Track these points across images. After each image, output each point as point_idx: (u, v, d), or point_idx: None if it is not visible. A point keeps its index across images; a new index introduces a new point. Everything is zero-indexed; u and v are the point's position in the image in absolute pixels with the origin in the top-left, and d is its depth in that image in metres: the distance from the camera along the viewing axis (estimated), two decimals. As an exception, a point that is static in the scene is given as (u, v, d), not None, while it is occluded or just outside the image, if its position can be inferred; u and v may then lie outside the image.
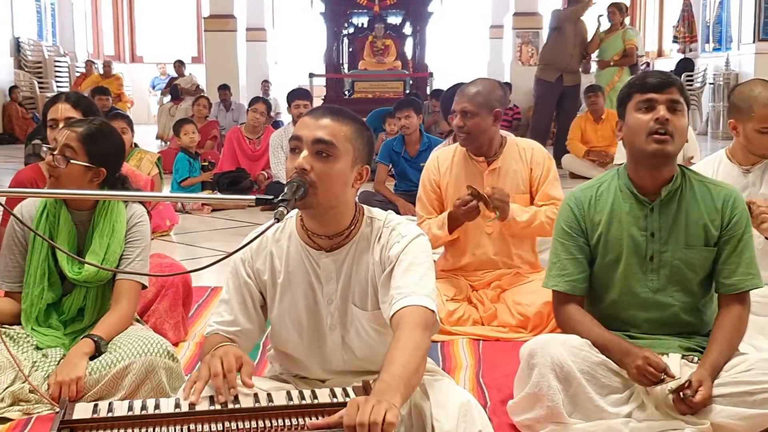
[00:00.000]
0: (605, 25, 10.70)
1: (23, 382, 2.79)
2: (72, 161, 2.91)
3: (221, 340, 2.26)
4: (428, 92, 12.94)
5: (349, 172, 2.15)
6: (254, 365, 2.11)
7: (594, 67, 11.06)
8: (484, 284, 3.86)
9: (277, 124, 10.85)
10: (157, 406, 1.93)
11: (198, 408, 1.94)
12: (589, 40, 10.41)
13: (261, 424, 1.88)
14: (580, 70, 10.41)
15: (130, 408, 1.92)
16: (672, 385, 2.42)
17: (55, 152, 2.92)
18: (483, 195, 3.58)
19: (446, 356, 3.45)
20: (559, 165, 9.98)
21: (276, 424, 1.88)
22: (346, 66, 15.23)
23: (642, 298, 2.64)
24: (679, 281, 2.62)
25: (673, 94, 2.54)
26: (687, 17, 15.91)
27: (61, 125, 3.31)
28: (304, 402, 1.96)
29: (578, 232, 2.69)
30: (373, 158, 2.21)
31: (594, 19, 10.61)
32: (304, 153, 2.09)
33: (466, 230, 3.81)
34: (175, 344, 3.41)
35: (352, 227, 2.21)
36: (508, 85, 14.20)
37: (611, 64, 10.54)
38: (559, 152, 10.11)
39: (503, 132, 4.02)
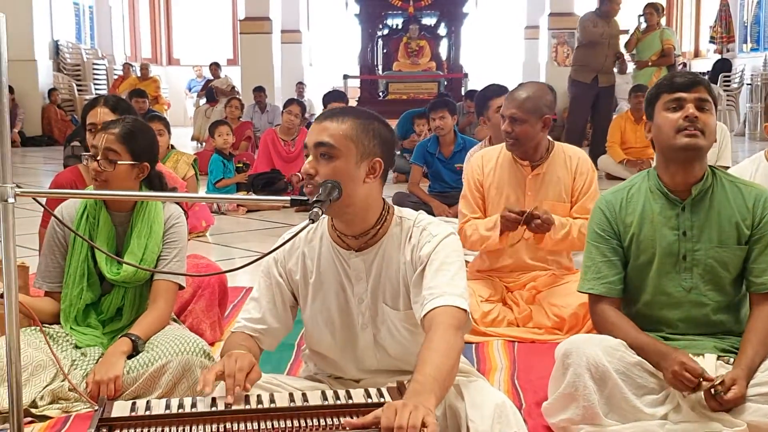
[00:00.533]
0: (642, 24, 10.61)
1: (63, 381, 2.83)
2: (118, 163, 2.96)
3: (243, 338, 2.28)
4: (463, 93, 12.91)
5: (355, 169, 2.13)
6: (261, 375, 2.13)
7: (631, 67, 10.97)
8: (520, 285, 3.85)
9: (311, 126, 10.88)
10: (193, 405, 1.95)
11: (234, 407, 1.96)
12: (622, 39, 10.33)
13: (296, 423, 1.89)
14: (616, 70, 10.32)
15: (167, 406, 1.94)
16: (706, 383, 2.40)
17: (98, 157, 2.96)
18: (530, 215, 3.56)
19: (481, 358, 3.44)
20: (595, 166, 9.94)
21: (310, 423, 1.89)
22: (380, 67, 15.26)
23: (676, 298, 2.62)
24: (712, 280, 2.61)
25: (701, 92, 2.55)
26: (724, 17, 15.74)
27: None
28: (338, 402, 1.97)
29: (611, 235, 2.68)
30: (396, 153, 2.21)
31: (625, 19, 10.52)
32: (309, 158, 2.13)
33: (508, 235, 3.77)
34: (212, 344, 3.44)
35: (379, 226, 2.21)
36: (546, 86, 14.11)
37: (649, 64, 10.46)
38: (595, 153, 10.05)
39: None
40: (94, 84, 16.48)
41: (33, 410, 2.75)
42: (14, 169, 1.74)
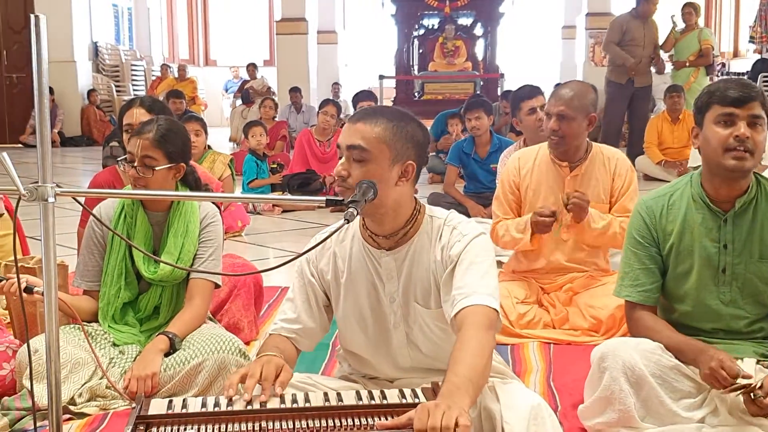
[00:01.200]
0: (680, 24, 10.50)
1: (101, 378, 2.87)
2: (156, 169, 2.98)
3: (279, 341, 2.29)
4: (499, 93, 12.86)
5: (387, 172, 2.13)
6: (292, 376, 2.14)
7: (669, 67, 10.86)
8: (556, 287, 3.82)
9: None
10: (229, 403, 1.97)
11: (269, 406, 1.97)
12: (659, 39, 10.22)
13: (330, 423, 1.90)
14: (653, 70, 10.23)
15: (204, 405, 1.96)
16: (742, 380, 2.36)
17: (136, 164, 2.99)
18: (560, 213, 3.54)
19: (517, 359, 3.43)
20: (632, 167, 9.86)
21: (345, 423, 1.89)
22: (416, 67, 15.24)
23: (713, 310, 2.58)
24: (751, 294, 2.57)
25: (754, 109, 2.45)
26: (764, 16, 15.49)
27: None
28: (373, 402, 1.97)
29: (650, 242, 2.65)
30: (429, 154, 2.21)
31: (661, 18, 10.41)
32: (342, 160, 2.14)
33: (541, 237, 3.75)
34: (247, 343, 3.46)
35: (410, 226, 2.21)
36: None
37: (687, 64, 10.35)
38: (633, 154, 9.96)
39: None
40: (133, 85, 16.65)
41: (72, 407, 2.79)
42: (54, 169, 1.76)
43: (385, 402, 1.97)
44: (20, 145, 13.91)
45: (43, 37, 1.68)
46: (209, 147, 6.12)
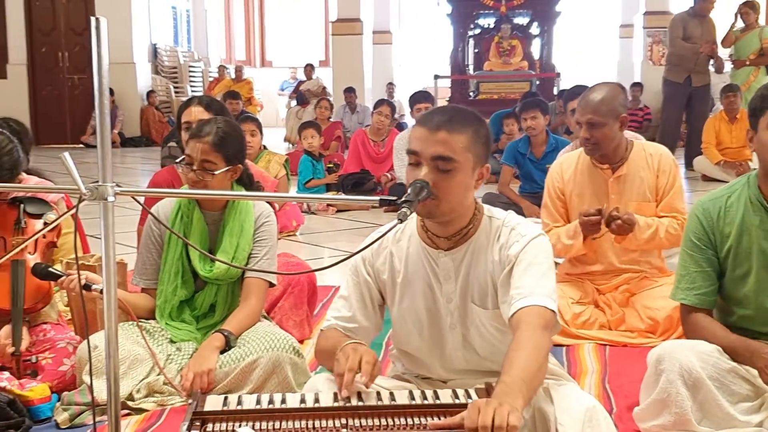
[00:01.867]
0: (739, 22, 10.29)
1: (158, 374, 2.92)
2: (216, 173, 3.02)
3: (341, 335, 2.29)
4: (555, 93, 12.75)
5: (470, 178, 2.14)
6: (377, 361, 2.13)
7: (728, 66, 10.66)
8: (611, 288, 3.78)
9: (401, 126, 10.92)
10: (283, 401, 1.99)
11: (322, 404, 1.98)
12: (717, 38, 10.04)
13: (383, 422, 1.90)
14: (712, 69, 10.05)
15: (258, 401, 1.98)
16: None
17: (195, 168, 3.03)
18: (609, 216, 3.49)
19: (572, 361, 3.40)
20: (690, 167, 9.71)
21: (398, 422, 1.89)
22: (471, 67, 15.18)
23: None
24: None
25: None
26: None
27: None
28: (426, 402, 1.97)
29: (707, 244, 2.60)
30: (491, 155, 2.20)
31: (719, 17, 10.22)
32: (424, 170, 2.08)
33: (593, 239, 3.71)
34: (300, 341, 3.48)
35: (471, 226, 2.21)
36: (639, 85, 13.86)
37: (747, 63, 10.14)
38: (691, 154, 9.80)
39: (631, 134, 3.91)
40: (190, 86, 16.85)
41: (130, 403, 2.84)
42: (114, 169, 1.79)
43: (437, 402, 1.97)
44: (81, 146, 14.17)
45: (103, 39, 1.71)
46: (265, 147, 6.18)
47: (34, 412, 2.80)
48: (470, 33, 15.20)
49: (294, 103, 16.07)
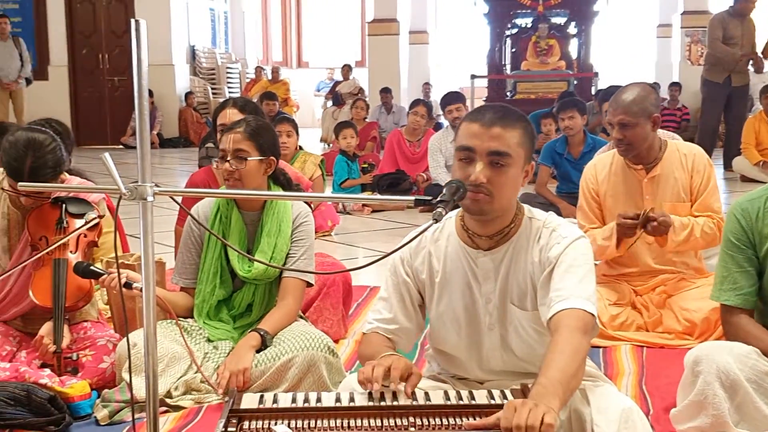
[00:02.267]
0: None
1: (195, 372, 2.95)
2: (248, 159, 3.05)
3: (382, 340, 2.29)
4: (593, 92, 12.66)
5: (520, 175, 2.15)
6: (421, 377, 2.13)
7: None
8: (648, 289, 3.75)
9: (438, 126, 10.91)
10: (318, 400, 1.99)
11: (357, 403, 1.99)
12: (758, 38, 9.90)
13: (418, 421, 1.90)
14: (751, 69, 9.91)
15: (294, 400, 1.99)
16: None
17: (229, 158, 3.06)
18: (645, 218, 3.47)
19: (608, 362, 3.38)
20: (729, 167, 9.60)
21: (432, 422, 1.89)
22: (508, 67, 15.11)
23: None
24: None
25: None
26: None
27: None
28: (461, 402, 1.97)
29: (746, 244, 2.58)
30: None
31: (760, 17, 10.07)
32: (480, 166, 2.08)
33: (627, 242, 3.68)
34: (336, 341, 3.49)
35: (512, 225, 2.20)
36: (677, 85, 13.72)
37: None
38: (729, 155, 9.68)
39: (669, 134, 3.87)
40: (228, 87, 16.96)
41: (168, 400, 2.87)
42: (153, 169, 1.81)
43: (473, 402, 1.97)
44: (121, 146, 14.32)
45: (143, 41, 1.73)
46: (300, 148, 6.20)
47: (75, 408, 2.83)
48: (507, 33, 15.13)
49: (330, 103, 16.12)
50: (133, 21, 1.71)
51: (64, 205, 3.21)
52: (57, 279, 3.06)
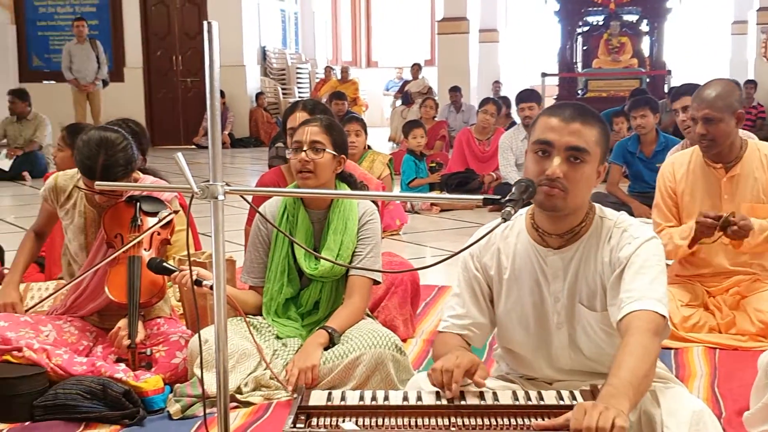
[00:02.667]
0: None
1: (265, 369, 2.99)
2: (326, 150, 3.10)
3: (455, 339, 2.29)
4: (666, 90, 12.44)
5: (595, 174, 2.15)
6: (488, 373, 2.13)
7: None
8: (722, 290, 3.68)
9: (512, 124, 10.84)
10: (386, 398, 2.00)
11: (425, 402, 1.99)
12: None
13: (485, 421, 1.90)
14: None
15: (361, 398, 2.00)
16: None
17: (305, 149, 3.10)
18: (726, 221, 3.39)
19: (680, 364, 3.33)
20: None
21: (500, 422, 1.89)
22: (579, 65, 14.96)
23: None
24: None
25: None
26: None
27: None
28: (529, 402, 1.96)
29: None
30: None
31: None
32: (557, 160, 2.08)
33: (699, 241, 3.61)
34: (404, 340, 3.50)
35: (583, 224, 2.19)
36: (752, 82, 13.41)
37: None
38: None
39: (746, 133, 3.79)
40: (298, 87, 17.11)
41: (238, 396, 2.91)
42: (224, 168, 1.84)
43: (541, 403, 1.96)
44: (194, 147, 14.54)
45: (215, 42, 1.76)
46: (369, 147, 6.23)
47: (148, 402, 2.89)
48: (578, 30, 14.98)
49: (399, 102, 16.14)
50: (205, 23, 1.74)
51: (138, 204, 3.28)
52: (132, 276, 3.13)
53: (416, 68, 16.48)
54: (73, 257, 3.35)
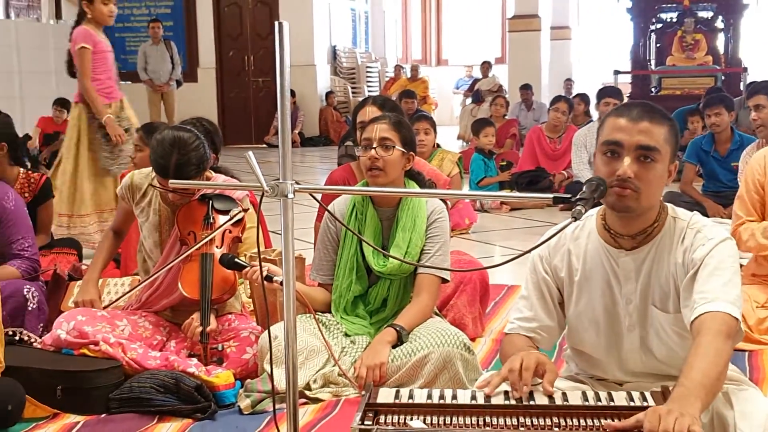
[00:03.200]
0: None
1: (333, 366, 3.01)
2: (395, 147, 3.11)
3: (523, 341, 2.29)
4: (741, 88, 12.15)
5: (666, 173, 2.12)
6: (558, 374, 2.12)
7: None
8: (800, 291, 3.58)
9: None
10: (454, 397, 2.00)
11: (493, 401, 1.98)
12: None
13: (555, 422, 1.89)
14: None
15: (429, 396, 2.01)
16: None
17: (375, 146, 3.12)
18: None
19: (754, 366, 3.26)
20: None
21: (570, 423, 1.88)
22: (653, 62, 14.72)
23: None
24: None
25: None
26: None
27: None
28: (599, 403, 1.94)
29: None
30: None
31: None
32: (627, 160, 2.06)
33: None
34: (472, 339, 3.49)
35: (655, 225, 2.15)
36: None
37: None
38: None
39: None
40: (367, 86, 17.16)
41: (307, 392, 2.94)
42: (294, 167, 1.86)
43: (611, 404, 1.94)
44: (264, 145, 14.71)
45: (286, 42, 1.78)
46: (438, 145, 6.22)
47: (219, 397, 2.94)
48: (652, 27, 14.72)
49: (469, 101, 16.07)
50: (276, 23, 1.76)
51: (210, 202, 3.33)
52: (204, 272, 3.18)
53: (486, 66, 16.38)
54: (148, 254, 3.42)
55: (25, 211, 3.75)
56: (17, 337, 3.29)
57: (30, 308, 3.43)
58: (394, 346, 2.98)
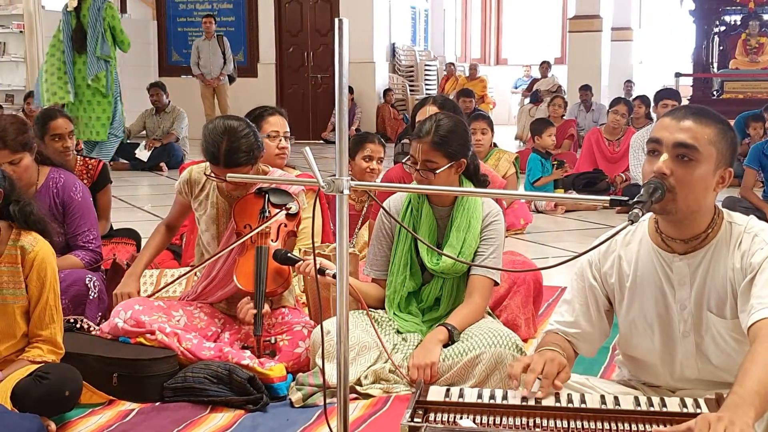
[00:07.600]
0: None
1: (385, 362, 3.02)
2: (437, 171, 3.09)
3: (558, 339, 2.27)
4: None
5: (711, 177, 2.06)
6: (570, 377, 2.12)
7: None
8: None
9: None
10: (504, 397, 2.00)
11: (544, 403, 1.97)
12: None
13: (605, 426, 1.88)
14: None
15: (480, 396, 2.00)
16: None
17: (419, 167, 3.11)
18: None
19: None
20: None
21: (620, 427, 1.87)
22: (715, 65, 14.49)
23: None
24: None
25: None
26: None
27: None
28: (651, 409, 1.93)
29: None
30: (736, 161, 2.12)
31: None
32: (664, 157, 2.03)
33: None
34: (525, 340, 3.47)
35: (709, 230, 2.12)
36: None
37: None
38: None
39: None
40: (425, 84, 17.14)
41: (358, 388, 2.96)
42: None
43: (663, 409, 1.92)
44: (322, 141, 14.79)
45: (345, 39, 1.79)
46: (495, 145, 6.20)
47: (271, 389, 2.97)
48: (715, 30, 14.51)
49: (527, 101, 15.97)
50: (336, 20, 1.77)
51: (267, 196, 3.37)
52: (259, 265, 3.21)
53: (545, 66, 16.25)
54: (206, 247, 3.47)
55: (91, 203, 3.82)
56: (78, 325, 3.35)
57: (91, 297, 3.50)
58: (445, 346, 2.99)
